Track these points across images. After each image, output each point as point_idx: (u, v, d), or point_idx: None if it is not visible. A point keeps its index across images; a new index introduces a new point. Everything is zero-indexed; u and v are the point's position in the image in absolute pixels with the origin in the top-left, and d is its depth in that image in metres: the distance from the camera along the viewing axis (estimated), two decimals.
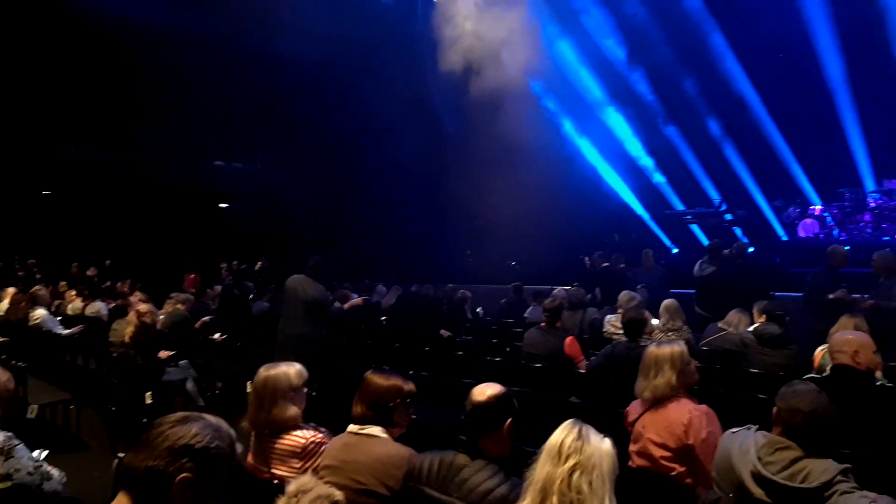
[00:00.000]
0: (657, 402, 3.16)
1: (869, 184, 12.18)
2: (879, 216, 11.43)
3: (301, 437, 2.85)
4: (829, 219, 12.02)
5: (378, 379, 2.73)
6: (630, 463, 3.15)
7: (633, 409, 3.32)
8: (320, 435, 2.88)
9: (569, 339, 5.47)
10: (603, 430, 3.35)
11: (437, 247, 14.63)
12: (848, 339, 3.43)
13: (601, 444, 1.97)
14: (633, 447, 3.19)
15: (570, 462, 1.92)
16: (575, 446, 1.95)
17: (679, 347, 3.27)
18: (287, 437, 2.86)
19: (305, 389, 3.00)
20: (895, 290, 6.46)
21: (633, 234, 14.70)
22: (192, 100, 14.10)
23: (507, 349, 6.48)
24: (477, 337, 7.47)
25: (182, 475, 1.48)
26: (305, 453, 2.81)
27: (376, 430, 2.66)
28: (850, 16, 11.53)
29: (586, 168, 15.03)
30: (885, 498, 2.13)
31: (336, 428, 2.85)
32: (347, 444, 2.66)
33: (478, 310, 9.69)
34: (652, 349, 3.33)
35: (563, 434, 1.99)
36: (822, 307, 6.44)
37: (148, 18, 12.57)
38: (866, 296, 6.55)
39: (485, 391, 2.43)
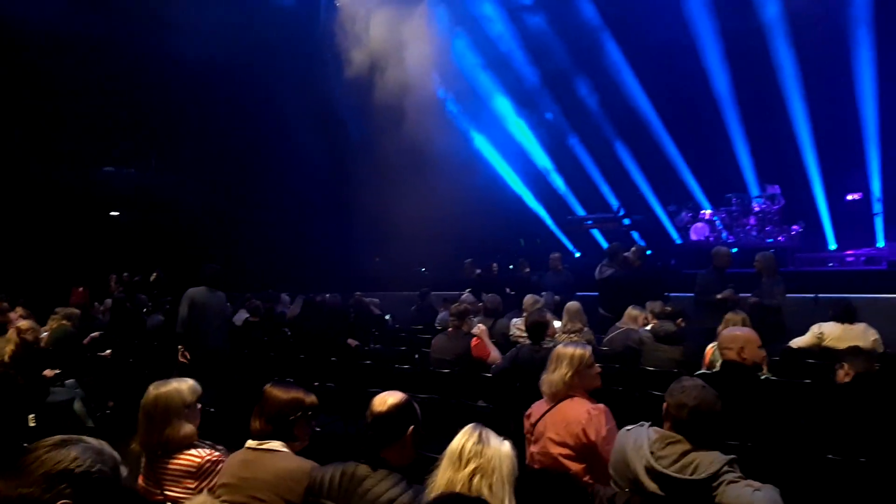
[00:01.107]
0: (556, 401, 3.23)
1: (753, 189, 12.98)
2: (763, 219, 12.16)
3: (196, 455, 2.71)
4: (718, 222, 12.70)
5: (278, 392, 2.64)
6: (531, 463, 3.19)
7: (535, 410, 3.37)
8: (216, 453, 2.76)
9: (474, 340, 5.52)
10: (508, 432, 3.39)
11: (344, 254, 14.45)
12: (735, 336, 3.61)
13: (501, 447, 1.98)
14: (533, 448, 3.24)
15: (471, 466, 1.92)
16: (475, 450, 1.96)
17: (583, 350, 3.37)
18: (181, 456, 2.71)
19: (199, 405, 2.86)
20: (776, 288, 6.94)
21: (538, 239, 15.06)
22: (79, 103, 13.26)
23: (416, 356, 6.46)
24: (385, 345, 7.41)
25: (61, 502, 1.39)
26: (201, 472, 2.68)
27: (276, 445, 2.57)
28: (735, 30, 12.29)
29: (492, 174, 15.29)
30: (768, 487, 2.25)
31: (235, 445, 2.74)
32: (246, 461, 2.55)
33: (387, 317, 9.62)
34: (558, 347, 3.41)
35: (464, 439, 2.00)
36: (711, 306, 6.81)
37: (30, 18, 11.74)
38: (749, 294, 6.99)
39: (386, 400, 2.40)
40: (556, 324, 6.29)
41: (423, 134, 12.43)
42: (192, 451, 2.72)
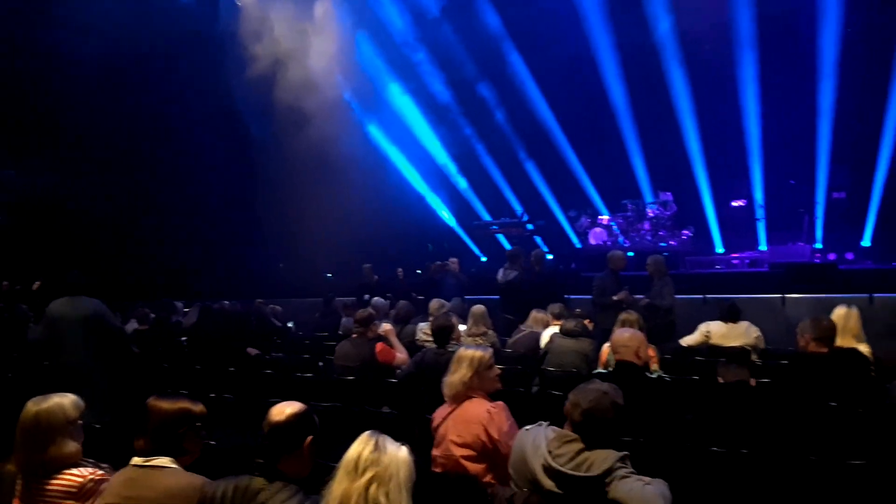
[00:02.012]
0: (457, 403, 3.26)
1: (648, 196, 13.63)
2: (657, 225, 12.78)
3: (78, 475, 2.55)
4: (615, 227, 13.22)
5: (163, 404, 2.50)
6: (433, 467, 3.20)
7: (439, 413, 3.38)
8: (100, 472, 2.60)
9: (379, 345, 5.47)
10: (413, 437, 3.38)
11: (245, 259, 13.99)
12: (625, 337, 3.77)
13: (398, 454, 1.96)
14: (436, 451, 3.24)
15: (367, 475, 1.90)
16: (372, 458, 1.93)
17: (483, 352, 3.40)
18: (62, 476, 2.54)
19: (81, 421, 2.68)
20: (665, 289, 7.30)
21: (445, 243, 15.17)
22: None
23: (320, 364, 6.33)
24: (288, 353, 7.22)
25: None
26: (83, 493, 2.52)
27: (164, 461, 2.44)
28: (631, 45, 12.89)
29: (400, 178, 15.28)
30: (657, 480, 2.35)
31: (121, 463, 2.58)
32: (131, 479, 2.41)
33: (290, 324, 9.40)
34: (460, 349, 3.44)
35: (360, 447, 1.97)
36: (607, 308, 7.08)
37: None
38: (641, 296, 7.32)
39: (283, 410, 2.34)
40: (462, 327, 6.36)
41: (329, 136, 12.24)
42: (74, 471, 2.56)
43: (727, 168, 12.91)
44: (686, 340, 6.29)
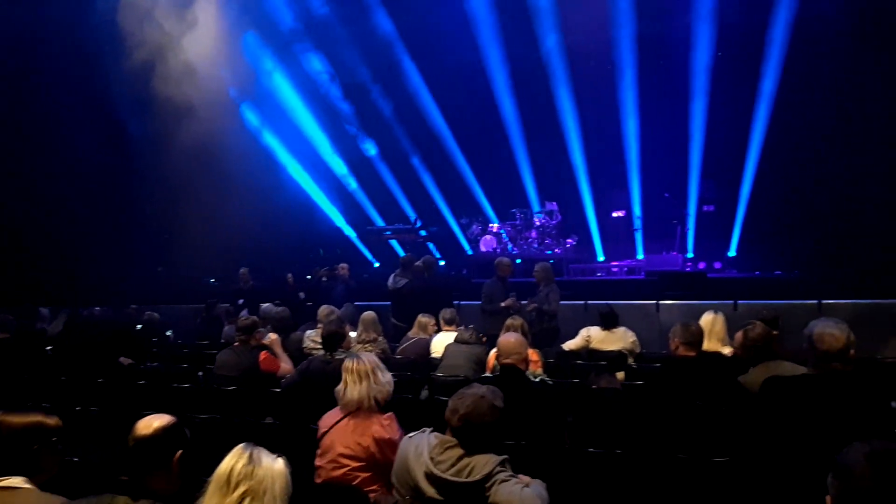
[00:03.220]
0: (347, 413, 3.19)
1: (535, 205, 14.07)
2: (543, 233, 13.21)
3: None
4: (504, 235, 13.55)
5: (11, 419, 2.28)
6: (316, 478, 3.12)
7: (325, 422, 3.30)
8: None
9: (263, 354, 5.30)
10: (297, 447, 3.28)
11: (120, 263, 13.10)
12: (510, 342, 3.83)
13: (274, 466, 1.89)
14: (320, 461, 3.16)
15: (241, 489, 1.81)
16: (245, 472, 1.85)
17: (375, 362, 3.35)
18: None
19: None
20: (552, 296, 7.55)
21: (338, 249, 14.95)
22: None
23: (200, 373, 6.04)
24: (165, 362, 6.84)
25: None
26: None
27: (16, 481, 2.23)
28: (520, 57, 13.28)
29: (291, 183, 14.91)
30: (536, 482, 2.40)
31: None
32: None
33: (168, 332, 8.91)
34: (347, 361, 3.36)
35: (233, 461, 1.88)
36: (495, 314, 7.23)
37: None
38: (525, 301, 7.54)
39: (150, 423, 2.21)
40: (352, 334, 6.27)
41: (213, 132, 11.74)
42: None
43: (608, 181, 13.59)
44: (568, 345, 6.51)
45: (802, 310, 7.79)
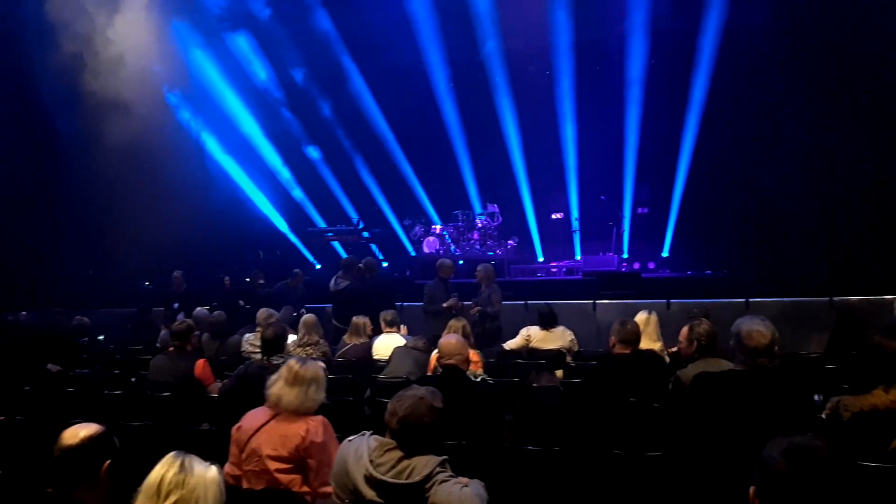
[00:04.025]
0: (275, 415, 3.15)
1: (477, 206, 14.19)
2: (485, 235, 13.33)
3: None
4: (446, 236, 13.60)
5: None
6: (243, 483, 3.06)
7: (248, 424, 3.22)
8: None
9: (200, 362, 5.17)
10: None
11: (48, 266, 12.52)
12: (451, 344, 3.86)
13: (206, 474, 1.85)
14: (248, 466, 3.09)
15: (172, 499, 1.77)
16: (176, 480, 1.80)
17: (317, 367, 3.30)
18: None
19: None
20: (494, 296, 7.63)
21: (277, 250, 14.71)
22: None
23: (133, 379, 5.84)
24: (95, 369, 6.58)
25: None
26: None
27: None
28: (461, 60, 13.37)
29: (229, 183, 14.57)
30: (475, 481, 2.42)
31: None
32: None
33: (99, 337, 8.59)
34: (293, 360, 3.31)
35: (163, 469, 1.83)
36: (437, 315, 7.26)
37: None
38: (470, 302, 7.60)
39: (77, 433, 2.14)
40: (292, 337, 6.19)
41: (146, 131, 11.38)
42: None
43: (547, 183, 13.84)
44: (509, 344, 6.61)
45: (731, 308, 8.11)
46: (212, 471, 1.86)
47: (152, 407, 4.77)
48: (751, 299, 8.75)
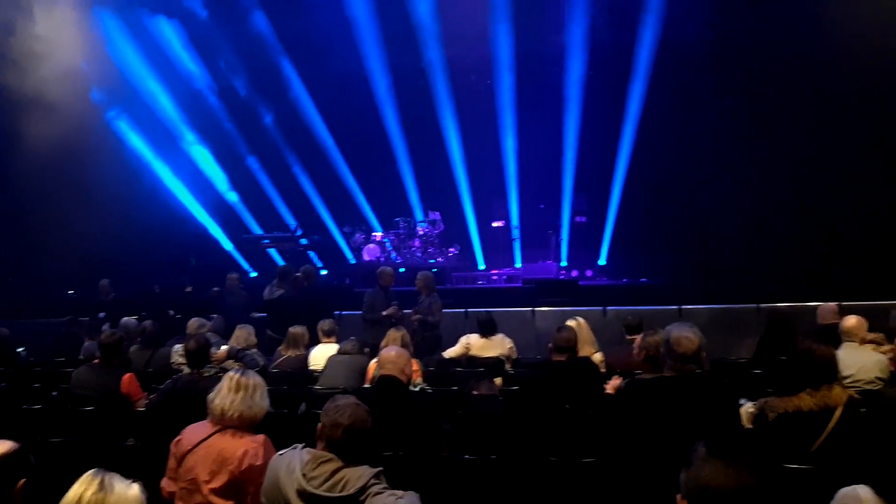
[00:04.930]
0: (214, 432, 3.01)
1: (418, 214, 14.16)
2: (426, 242, 13.30)
3: None
4: (388, 244, 13.51)
5: None
6: (178, 502, 2.93)
7: (188, 438, 3.05)
8: None
9: (127, 376, 4.95)
10: (160, 471, 3.07)
11: None
12: (391, 354, 3.80)
13: (127, 492, 1.76)
14: (182, 484, 2.93)
15: None
16: (95, 500, 1.71)
17: (258, 383, 3.16)
18: None
19: None
20: (434, 305, 7.61)
21: (211, 258, 14.28)
22: None
23: (55, 393, 5.56)
24: (14, 382, 6.23)
25: None
26: None
27: None
28: (403, 67, 13.33)
29: (160, 187, 14.07)
30: (409, 493, 2.38)
31: None
32: None
33: (19, 349, 8.15)
34: (233, 371, 3.18)
35: (81, 488, 1.74)
36: (377, 323, 7.19)
37: None
38: (409, 311, 7.55)
39: None
40: (224, 347, 6.03)
41: (71, 134, 10.90)
42: None
43: (488, 191, 13.94)
44: (448, 353, 6.60)
45: (665, 315, 8.34)
46: (133, 489, 1.77)
47: (74, 422, 4.56)
48: (683, 306, 9.04)
